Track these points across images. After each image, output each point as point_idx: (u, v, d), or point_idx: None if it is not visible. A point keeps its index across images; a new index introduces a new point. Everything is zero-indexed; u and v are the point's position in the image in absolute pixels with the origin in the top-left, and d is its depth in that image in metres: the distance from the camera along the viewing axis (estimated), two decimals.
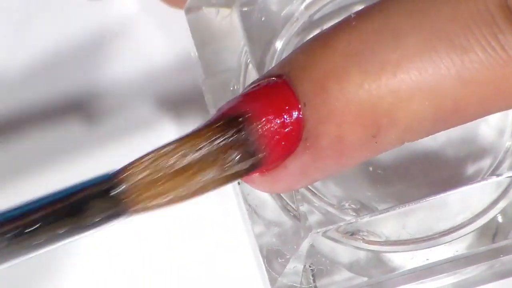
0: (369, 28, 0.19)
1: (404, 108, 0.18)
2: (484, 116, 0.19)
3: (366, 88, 0.18)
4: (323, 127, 0.19)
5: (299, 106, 0.19)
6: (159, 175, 0.18)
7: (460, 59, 0.18)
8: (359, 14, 0.19)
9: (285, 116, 0.19)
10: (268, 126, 0.19)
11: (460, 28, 0.18)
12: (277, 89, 0.19)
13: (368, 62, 0.18)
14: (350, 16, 0.19)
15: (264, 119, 0.19)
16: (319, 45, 0.19)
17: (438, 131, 0.19)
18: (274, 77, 0.19)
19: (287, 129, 0.19)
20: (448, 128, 0.19)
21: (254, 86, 0.20)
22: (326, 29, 0.20)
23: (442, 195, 0.23)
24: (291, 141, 0.19)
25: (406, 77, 0.18)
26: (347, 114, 0.18)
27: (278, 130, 0.19)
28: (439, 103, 0.18)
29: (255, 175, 0.20)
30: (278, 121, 0.19)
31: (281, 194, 0.24)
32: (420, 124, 0.19)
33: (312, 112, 0.19)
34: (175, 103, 0.30)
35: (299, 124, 0.19)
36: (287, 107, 0.19)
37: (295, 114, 0.19)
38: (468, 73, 0.18)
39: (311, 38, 0.20)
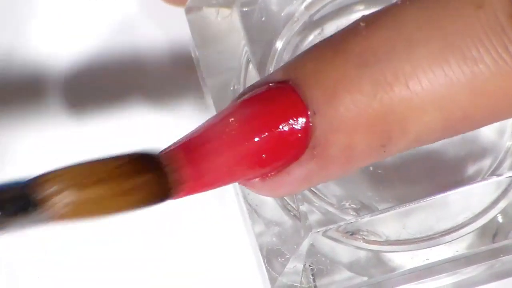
0: (380, 38, 0.18)
1: (415, 119, 0.19)
2: (493, 123, 0.19)
3: (378, 99, 0.18)
4: (333, 136, 0.19)
5: (308, 113, 0.19)
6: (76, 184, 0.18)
7: (471, 70, 0.18)
8: (369, 22, 0.19)
9: (292, 124, 0.19)
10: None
11: (471, 39, 0.18)
12: (284, 94, 0.19)
13: (381, 73, 0.18)
14: (359, 24, 0.19)
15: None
16: (329, 53, 0.19)
17: (446, 138, 0.20)
18: (278, 82, 0.19)
19: (293, 137, 0.19)
20: (456, 135, 0.20)
21: (257, 90, 0.19)
22: (334, 35, 0.19)
23: (442, 195, 0.23)
24: (297, 149, 0.19)
25: (418, 89, 0.18)
26: (358, 124, 0.18)
27: (284, 136, 0.19)
28: (450, 114, 0.19)
29: (256, 180, 0.20)
30: (285, 128, 0.19)
31: None
32: (429, 134, 0.19)
33: (322, 121, 0.19)
34: (175, 103, 0.30)
35: (306, 132, 0.19)
36: (295, 114, 0.19)
37: (303, 121, 0.19)
38: (479, 84, 0.18)
39: (317, 44, 0.20)
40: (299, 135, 0.19)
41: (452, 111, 0.19)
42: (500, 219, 0.25)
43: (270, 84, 0.19)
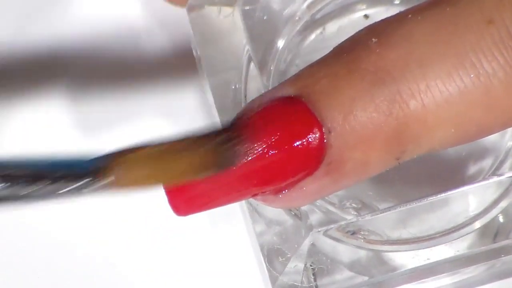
0: (393, 56, 0.19)
1: (430, 135, 0.19)
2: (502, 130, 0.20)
3: (394, 116, 0.18)
4: (348, 153, 0.19)
5: (323, 131, 0.19)
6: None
7: (485, 86, 0.18)
8: (381, 38, 0.19)
9: (307, 141, 0.19)
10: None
11: (483, 55, 0.18)
12: (298, 112, 0.19)
13: (396, 91, 0.18)
14: (370, 39, 0.19)
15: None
16: (343, 71, 0.19)
17: (455, 146, 0.20)
18: (289, 97, 0.19)
19: (308, 154, 0.19)
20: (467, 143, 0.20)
21: (268, 105, 0.19)
22: (343, 48, 0.19)
23: (443, 194, 0.23)
24: (311, 166, 0.19)
25: (433, 106, 0.18)
26: (374, 141, 0.19)
27: (298, 154, 0.19)
28: (464, 128, 0.19)
29: (268, 196, 0.20)
30: (299, 145, 0.19)
31: None
32: (442, 146, 0.19)
33: (338, 139, 0.19)
34: (176, 101, 0.30)
35: (321, 149, 0.19)
36: (309, 132, 0.19)
37: (318, 139, 0.19)
38: (493, 98, 0.18)
39: (326, 60, 0.20)
40: (314, 152, 0.19)
41: (466, 126, 0.19)
42: (501, 219, 0.25)
43: (280, 100, 0.19)
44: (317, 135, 0.19)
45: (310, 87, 0.19)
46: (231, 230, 0.28)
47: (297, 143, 0.19)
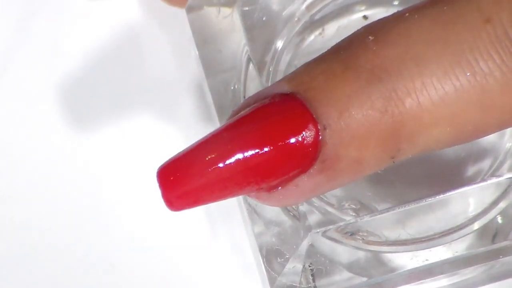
0: (390, 54, 0.19)
1: (425, 134, 0.19)
2: (501, 130, 0.20)
3: (389, 114, 0.18)
4: (343, 150, 0.19)
5: (318, 128, 0.19)
6: None
7: (481, 85, 0.18)
8: (378, 36, 0.19)
9: (302, 138, 0.19)
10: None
11: (480, 54, 0.18)
12: (293, 109, 0.19)
13: (392, 89, 0.18)
14: (367, 37, 0.19)
15: None
16: (339, 68, 0.19)
17: (451, 147, 0.20)
18: (285, 94, 0.19)
19: (303, 151, 0.19)
20: (464, 143, 0.20)
21: (264, 102, 0.19)
22: (340, 47, 0.19)
23: (442, 195, 0.23)
24: (306, 163, 0.19)
25: (429, 104, 0.18)
26: (369, 139, 0.19)
27: (293, 151, 0.19)
28: (460, 127, 0.19)
29: (262, 193, 0.20)
30: (294, 142, 0.19)
31: None
32: (438, 145, 0.19)
33: (333, 136, 0.19)
34: (176, 102, 0.30)
35: (316, 146, 0.19)
36: (305, 129, 0.19)
37: (313, 136, 0.19)
38: (489, 97, 0.18)
39: (323, 57, 0.20)
40: (309, 149, 0.19)
41: (462, 125, 0.19)
42: (499, 220, 0.25)
43: (276, 96, 0.19)
44: (312, 132, 0.19)
45: (306, 84, 0.19)
46: (230, 231, 0.29)
47: (292, 139, 0.19)
